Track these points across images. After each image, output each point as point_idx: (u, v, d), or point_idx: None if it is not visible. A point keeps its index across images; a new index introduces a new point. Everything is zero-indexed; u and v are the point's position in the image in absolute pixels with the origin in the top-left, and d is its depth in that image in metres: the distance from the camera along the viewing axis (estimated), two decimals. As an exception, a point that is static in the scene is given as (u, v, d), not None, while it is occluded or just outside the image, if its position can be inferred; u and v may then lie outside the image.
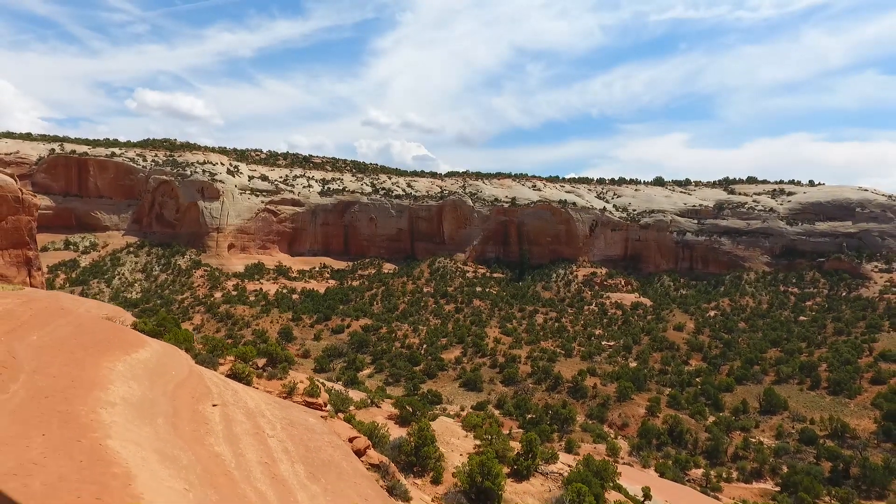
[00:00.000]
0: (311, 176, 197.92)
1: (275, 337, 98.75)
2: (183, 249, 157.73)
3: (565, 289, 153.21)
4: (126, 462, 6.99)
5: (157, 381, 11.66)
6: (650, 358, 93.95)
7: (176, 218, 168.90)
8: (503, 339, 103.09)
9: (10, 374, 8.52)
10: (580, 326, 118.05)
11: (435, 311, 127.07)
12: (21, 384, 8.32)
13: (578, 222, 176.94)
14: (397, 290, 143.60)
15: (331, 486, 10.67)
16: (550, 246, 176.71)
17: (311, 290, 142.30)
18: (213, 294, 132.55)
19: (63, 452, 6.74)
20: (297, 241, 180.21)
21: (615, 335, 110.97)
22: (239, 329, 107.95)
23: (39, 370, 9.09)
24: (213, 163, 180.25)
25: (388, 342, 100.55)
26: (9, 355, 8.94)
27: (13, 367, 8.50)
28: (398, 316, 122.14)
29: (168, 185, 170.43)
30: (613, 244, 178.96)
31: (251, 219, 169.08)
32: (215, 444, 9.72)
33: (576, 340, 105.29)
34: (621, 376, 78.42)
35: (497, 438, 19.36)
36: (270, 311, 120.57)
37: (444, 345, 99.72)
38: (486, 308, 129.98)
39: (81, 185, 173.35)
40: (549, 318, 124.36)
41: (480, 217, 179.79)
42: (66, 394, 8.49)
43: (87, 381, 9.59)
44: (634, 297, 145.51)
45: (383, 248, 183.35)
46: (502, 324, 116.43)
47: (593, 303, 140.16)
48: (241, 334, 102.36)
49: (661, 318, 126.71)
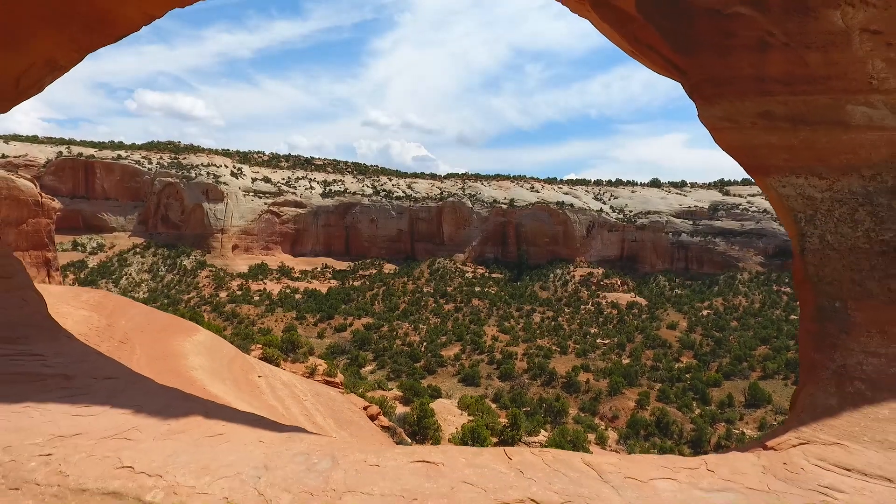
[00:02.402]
0: (312, 178, 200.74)
1: (280, 335, 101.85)
2: (188, 250, 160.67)
3: (562, 289, 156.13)
4: (225, 399, 10.33)
5: (215, 356, 14.98)
6: (643, 355, 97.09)
7: (181, 219, 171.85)
8: (501, 337, 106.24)
9: (131, 346, 11.83)
10: (576, 325, 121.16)
11: (435, 310, 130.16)
12: (140, 352, 11.67)
13: (576, 223, 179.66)
14: (398, 290, 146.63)
15: (356, 434, 14.06)
16: (548, 247, 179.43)
17: (313, 289, 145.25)
18: (218, 294, 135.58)
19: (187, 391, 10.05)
20: (300, 241, 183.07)
21: (610, 333, 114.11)
22: (245, 328, 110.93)
23: (142, 344, 12.42)
24: (216, 165, 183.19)
25: (389, 340, 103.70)
26: (125, 333, 12.23)
27: (131, 342, 11.82)
28: (399, 315, 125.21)
29: (173, 188, 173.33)
30: (610, 245, 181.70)
31: (254, 220, 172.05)
32: (269, 400, 13.07)
33: (571, 338, 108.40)
34: (613, 372, 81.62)
35: (487, 414, 22.57)
36: (275, 310, 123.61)
37: (443, 342, 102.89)
38: (484, 307, 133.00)
39: (88, 188, 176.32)
40: (545, 317, 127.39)
41: (479, 218, 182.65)
42: (166, 360, 11.84)
43: (173, 352, 12.92)
44: (630, 296, 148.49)
45: (384, 248, 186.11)
46: (500, 322, 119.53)
47: (589, 302, 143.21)
48: (247, 332, 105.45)
49: (656, 317, 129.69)
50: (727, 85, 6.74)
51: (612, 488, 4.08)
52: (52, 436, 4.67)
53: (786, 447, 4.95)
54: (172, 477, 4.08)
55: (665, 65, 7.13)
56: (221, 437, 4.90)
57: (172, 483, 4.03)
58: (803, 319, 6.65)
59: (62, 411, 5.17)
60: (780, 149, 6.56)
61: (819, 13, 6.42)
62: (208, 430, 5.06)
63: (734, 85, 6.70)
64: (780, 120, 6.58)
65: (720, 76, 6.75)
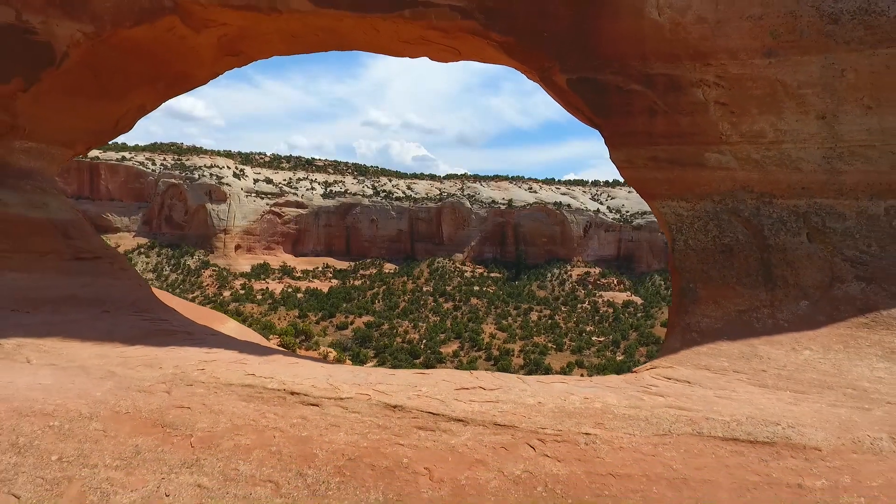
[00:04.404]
0: (313, 179, 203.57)
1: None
2: (191, 250, 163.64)
3: (560, 288, 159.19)
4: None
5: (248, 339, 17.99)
6: (636, 352, 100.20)
7: (184, 220, 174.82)
8: (498, 335, 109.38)
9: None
10: (572, 323, 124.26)
11: (434, 308, 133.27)
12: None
13: (573, 223, 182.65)
14: (398, 289, 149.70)
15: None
16: (546, 246, 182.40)
17: (315, 289, 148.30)
18: (221, 293, 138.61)
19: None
20: (301, 242, 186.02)
21: (605, 331, 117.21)
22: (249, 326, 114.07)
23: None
24: (219, 166, 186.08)
25: (389, 338, 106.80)
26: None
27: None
28: (399, 313, 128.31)
29: (177, 189, 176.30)
30: (607, 245, 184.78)
31: (257, 220, 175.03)
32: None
33: (567, 336, 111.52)
34: (607, 368, 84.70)
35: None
36: (277, 309, 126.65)
37: (442, 340, 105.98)
38: (482, 306, 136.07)
39: (93, 189, 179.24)
40: (542, 316, 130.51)
41: (478, 219, 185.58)
42: (219, 336, 14.81)
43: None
44: (626, 295, 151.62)
45: (384, 248, 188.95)
46: (498, 321, 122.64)
47: (586, 301, 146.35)
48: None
49: (650, 315, 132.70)
50: (628, 137, 9.77)
51: (526, 384, 7.13)
52: (199, 360, 7.71)
53: (642, 371, 7.97)
54: (279, 377, 7.14)
55: (588, 121, 10.12)
56: (297, 364, 7.92)
57: (280, 379, 7.09)
58: (672, 296, 9.68)
59: (196, 351, 8.18)
60: (662, 182, 9.60)
61: (688, 90, 9.51)
62: (288, 360, 8.06)
63: (633, 137, 9.72)
64: (663, 162, 9.60)
65: (624, 132, 9.77)
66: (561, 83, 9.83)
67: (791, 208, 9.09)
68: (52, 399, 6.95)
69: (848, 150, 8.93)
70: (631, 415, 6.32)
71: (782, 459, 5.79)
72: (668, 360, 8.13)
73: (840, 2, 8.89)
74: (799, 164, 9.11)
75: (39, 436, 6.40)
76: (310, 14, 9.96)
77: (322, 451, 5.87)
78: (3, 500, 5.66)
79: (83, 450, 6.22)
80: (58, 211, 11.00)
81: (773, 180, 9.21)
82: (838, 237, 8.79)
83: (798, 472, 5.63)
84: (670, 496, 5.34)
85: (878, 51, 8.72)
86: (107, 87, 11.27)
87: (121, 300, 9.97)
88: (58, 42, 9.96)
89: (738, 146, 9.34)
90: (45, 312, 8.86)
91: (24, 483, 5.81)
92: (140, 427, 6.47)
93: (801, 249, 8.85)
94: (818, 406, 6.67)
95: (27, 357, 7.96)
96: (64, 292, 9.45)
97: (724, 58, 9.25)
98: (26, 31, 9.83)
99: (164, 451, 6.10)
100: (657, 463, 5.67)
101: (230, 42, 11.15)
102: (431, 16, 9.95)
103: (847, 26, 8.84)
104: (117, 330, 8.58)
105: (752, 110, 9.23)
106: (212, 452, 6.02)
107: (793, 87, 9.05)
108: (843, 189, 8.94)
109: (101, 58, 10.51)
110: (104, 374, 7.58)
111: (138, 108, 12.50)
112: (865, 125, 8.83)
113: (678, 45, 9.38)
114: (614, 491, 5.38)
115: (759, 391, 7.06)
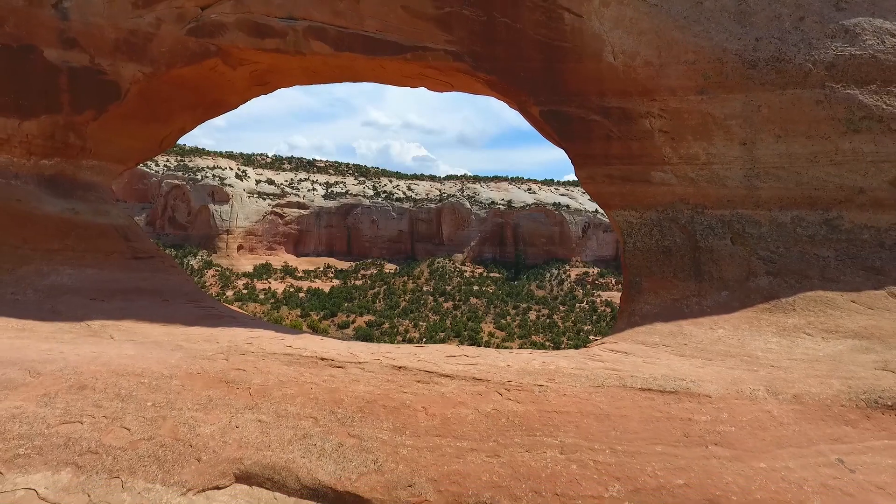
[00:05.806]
0: (314, 179, 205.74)
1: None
2: (195, 250, 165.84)
3: (558, 287, 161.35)
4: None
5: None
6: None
7: (188, 220, 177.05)
8: (497, 334, 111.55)
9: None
10: (570, 322, 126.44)
11: (434, 308, 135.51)
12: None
13: (572, 224, 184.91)
14: (398, 289, 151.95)
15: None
16: (545, 247, 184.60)
17: (316, 288, 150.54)
18: (225, 293, 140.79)
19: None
20: (302, 242, 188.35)
21: (603, 330, 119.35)
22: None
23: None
24: (221, 167, 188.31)
25: (390, 336, 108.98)
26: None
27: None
28: (399, 313, 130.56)
29: (180, 190, 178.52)
30: (605, 245, 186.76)
31: (259, 221, 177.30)
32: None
33: (565, 335, 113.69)
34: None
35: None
36: (280, 308, 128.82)
37: (442, 338, 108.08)
38: (482, 305, 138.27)
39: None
40: (541, 315, 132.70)
41: (478, 219, 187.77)
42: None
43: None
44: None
45: (384, 249, 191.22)
46: (497, 320, 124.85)
47: (584, 301, 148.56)
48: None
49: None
50: (589, 158, 11.94)
51: (500, 354, 9.34)
52: (247, 336, 9.88)
53: (593, 346, 10.12)
54: (311, 348, 9.33)
55: (557, 143, 12.28)
56: (323, 340, 10.08)
57: (312, 349, 9.28)
58: (623, 287, 11.85)
59: (242, 330, 10.33)
60: (616, 195, 11.78)
61: (637, 120, 11.69)
62: (314, 337, 10.23)
63: (593, 159, 11.90)
64: (617, 179, 11.78)
65: (585, 154, 11.95)
66: (535, 113, 12.01)
67: (718, 217, 11.28)
68: (139, 364, 9.12)
69: (763, 170, 11.11)
70: (576, 374, 8.50)
71: (681, 402, 7.96)
72: (614, 338, 10.32)
73: (758, 51, 11.09)
74: (725, 182, 11.30)
75: (135, 389, 8.58)
76: (330, 56, 12.12)
77: (347, 397, 8.05)
78: (118, 432, 7.81)
79: (170, 398, 8.39)
80: (117, 217, 13.11)
81: (704, 194, 11.39)
82: (755, 240, 10.97)
83: (690, 411, 7.80)
84: (596, 425, 7.51)
85: (787, 91, 10.92)
86: (156, 113, 13.46)
87: (176, 291, 12.14)
88: (122, 80, 12.16)
89: (678, 166, 11.52)
90: (117, 300, 10.99)
91: (131, 420, 7.99)
92: (209, 383, 8.65)
93: (725, 250, 11.03)
94: (719, 369, 8.85)
95: (111, 334, 10.14)
96: (130, 285, 11.58)
97: (666, 94, 11.44)
98: (98, 72, 12.03)
99: (230, 399, 8.28)
100: (589, 404, 7.85)
101: (260, 75, 13.33)
102: (429, 58, 12.13)
103: (763, 70, 11.03)
104: (177, 314, 10.72)
105: (688, 137, 11.41)
106: (266, 399, 8.20)
107: (720, 118, 11.25)
108: (759, 202, 11.12)
109: (154, 90, 12.69)
110: (174, 346, 9.77)
111: (180, 129, 14.70)
112: (777, 150, 11.02)
113: (630, 84, 11.57)
114: (556, 422, 7.55)
115: (677, 359, 9.24)
